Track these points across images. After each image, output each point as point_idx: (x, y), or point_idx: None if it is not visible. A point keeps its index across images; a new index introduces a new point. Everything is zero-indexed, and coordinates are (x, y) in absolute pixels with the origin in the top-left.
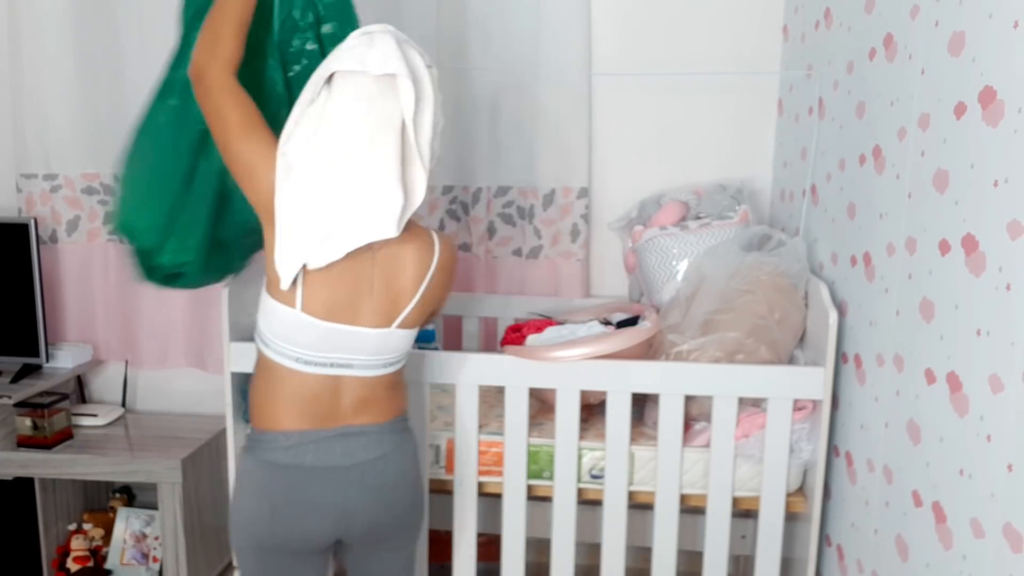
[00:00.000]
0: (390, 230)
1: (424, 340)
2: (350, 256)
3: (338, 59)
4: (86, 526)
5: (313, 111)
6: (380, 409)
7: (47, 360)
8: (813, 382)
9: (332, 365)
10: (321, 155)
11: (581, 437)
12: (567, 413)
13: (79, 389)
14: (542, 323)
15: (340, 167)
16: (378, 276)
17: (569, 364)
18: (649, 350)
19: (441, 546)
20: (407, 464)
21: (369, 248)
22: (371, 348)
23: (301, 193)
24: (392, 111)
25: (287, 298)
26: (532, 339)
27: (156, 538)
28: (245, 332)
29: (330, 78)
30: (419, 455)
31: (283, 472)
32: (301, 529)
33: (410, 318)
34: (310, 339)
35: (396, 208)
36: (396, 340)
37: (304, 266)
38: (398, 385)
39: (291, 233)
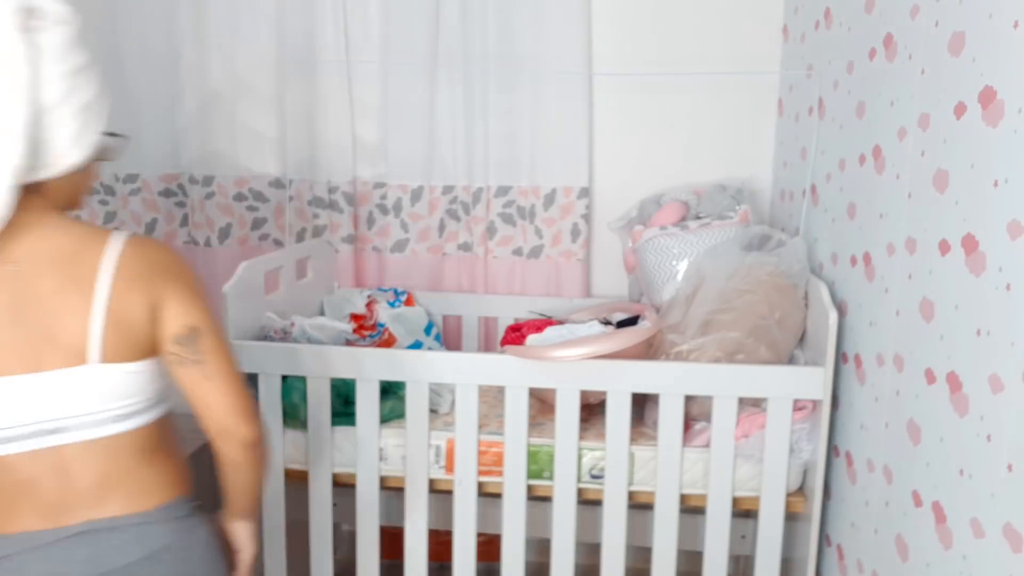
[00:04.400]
0: None
1: (424, 333)
2: None
3: None
4: None
5: None
6: (139, 490)
7: None
8: (813, 382)
9: (34, 435)
10: None
11: (581, 437)
12: (567, 413)
13: None
14: (542, 323)
15: None
16: (17, 296)
17: (569, 364)
18: (649, 350)
19: (441, 546)
20: (194, 566)
21: None
22: (75, 398)
23: None
24: None
25: None
26: (532, 339)
27: None
28: (246, 332)
29: None
30: (218, 552)
31: None
32: None
33: (107, 346)
34: None
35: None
36: (105, 381)
37: None
38: (164, 451)
39: None
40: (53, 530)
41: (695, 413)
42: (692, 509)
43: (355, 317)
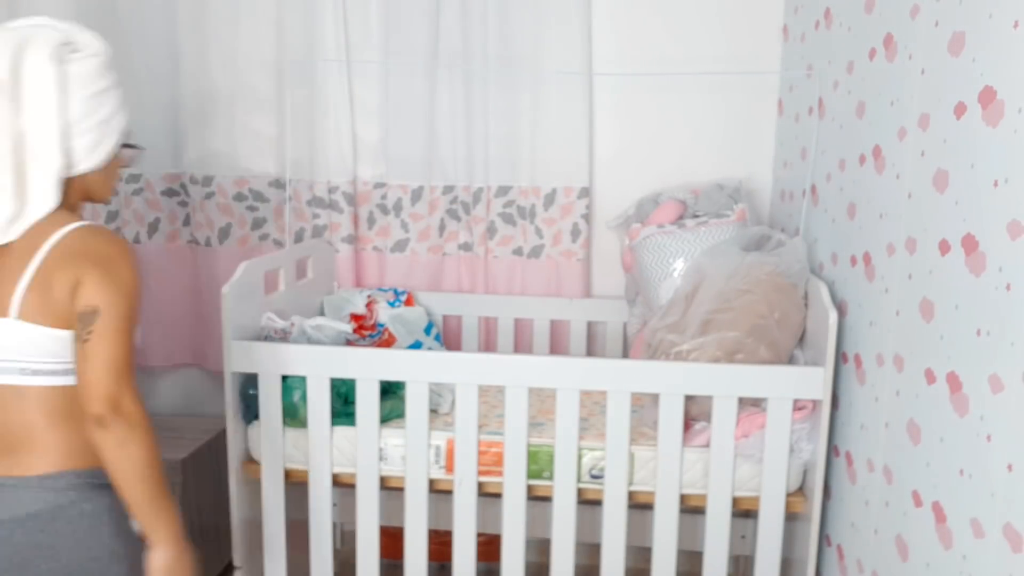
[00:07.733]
0: None
1: (424, 333)
2: None
3: None
4: None
5: None
6: (36, 455)
7: None
8: (813, 382)
9: None
10: None
11: (581, 437)
12: (567, 413)
13: None
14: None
15: None
16: None
17: (568, 364)
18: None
19: (441, 546)
20: (55, 538)
21: None
22: None
23: None
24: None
25: None
26: None
27: None
28: (246, 332)
29: None
30: (116, 533)
31: None
32: None
33: (27, 307)
34: None
35: (4, 216)
36: (21, 336)
37: None
38: (69, 419)
39: None
40: None
41: (695, 413)
42: (692, 509)
43: (355, 317)
